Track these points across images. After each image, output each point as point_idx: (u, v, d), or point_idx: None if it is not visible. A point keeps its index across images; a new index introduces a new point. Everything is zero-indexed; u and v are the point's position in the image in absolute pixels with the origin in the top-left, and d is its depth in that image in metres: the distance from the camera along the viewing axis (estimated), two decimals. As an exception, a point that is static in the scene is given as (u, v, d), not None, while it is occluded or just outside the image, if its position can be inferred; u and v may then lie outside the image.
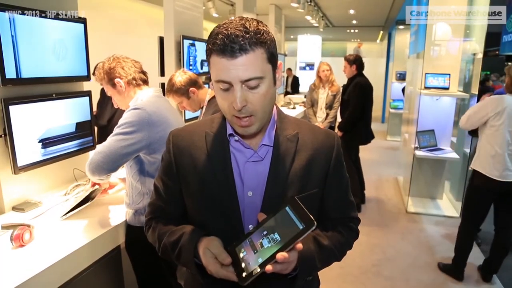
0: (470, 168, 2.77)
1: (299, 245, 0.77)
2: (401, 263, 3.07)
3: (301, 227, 0.75)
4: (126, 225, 1.69)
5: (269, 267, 0.75)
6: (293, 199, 0.81)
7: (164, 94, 1.97)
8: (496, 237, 2.74)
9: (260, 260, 0.76)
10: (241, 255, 0.81)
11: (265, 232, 0.80)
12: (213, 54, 0.80)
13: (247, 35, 0.77)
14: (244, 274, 0.77)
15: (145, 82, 1.71)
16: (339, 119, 4.19)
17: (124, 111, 1.62)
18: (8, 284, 1.16)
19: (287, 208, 0.80)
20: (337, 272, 2.86)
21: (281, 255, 0.74)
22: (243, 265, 0.79)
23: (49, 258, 1.33)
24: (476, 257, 3.05)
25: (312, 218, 0.75)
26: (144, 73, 1.72)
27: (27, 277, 1.21)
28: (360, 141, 4.14)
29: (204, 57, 3.76)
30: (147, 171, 1.59)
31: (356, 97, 3.88)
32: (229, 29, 0.78)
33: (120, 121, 1.52)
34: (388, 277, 2.86)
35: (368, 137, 4.12)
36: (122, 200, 1.77)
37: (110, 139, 1.51)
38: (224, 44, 0.77)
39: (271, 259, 0.75)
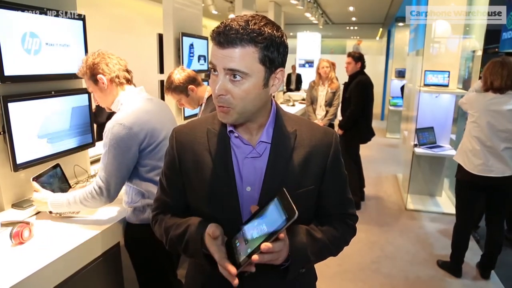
0: (453, 159, 2.85)
1: (282, 235, 0.80)
2: (400, 260, 3.08)
3: (284, 218, 0.77)
4: (125, 223, 1.69)
5: (255, 257, 0.78)
6: (282, 190, 0.83)
7: (162, 92, 1.96)
8: (487, 233, 2.77)
9: (249, 251, 0.79)
10: (236, 246, 0.84)
11: (256, 223, 0.83)
12: (212, 39, 0.85)
13: (242, 31, 0.80)
14: (236, 264, 0.81)
15: (129, 81, 1.67)
16: (339, 117, 4.17)
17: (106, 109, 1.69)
18: (8, 281, 1.17)
19: (276, 199, 0.82)
20: (336, 270, 2.88)
21: (264, 245, 0.77)
22: (236, 255, 0.82)
23: (48, 256, 1.33)
24: (474, 253, 3.06)
25: (295, 208, 0.76)
26: (128, 71, 1.67)
27: (26, 274, 1.21)
28: (360, 139, 4.11)
29: (204, 54, 3.76)
30: (141, 175, 1.60)
31: (357, 96, 3.86)
32: (233, 21, 0.82)
33: (107, 140, 1.50)
34: (387, 274, 2.87)
35: (368, 135, 4.10)
36: (120, 198, 1.76)
37: (111, 161, 1.49)
38: (219, 33, 0.81)
39: (257, 249, 0.78)
